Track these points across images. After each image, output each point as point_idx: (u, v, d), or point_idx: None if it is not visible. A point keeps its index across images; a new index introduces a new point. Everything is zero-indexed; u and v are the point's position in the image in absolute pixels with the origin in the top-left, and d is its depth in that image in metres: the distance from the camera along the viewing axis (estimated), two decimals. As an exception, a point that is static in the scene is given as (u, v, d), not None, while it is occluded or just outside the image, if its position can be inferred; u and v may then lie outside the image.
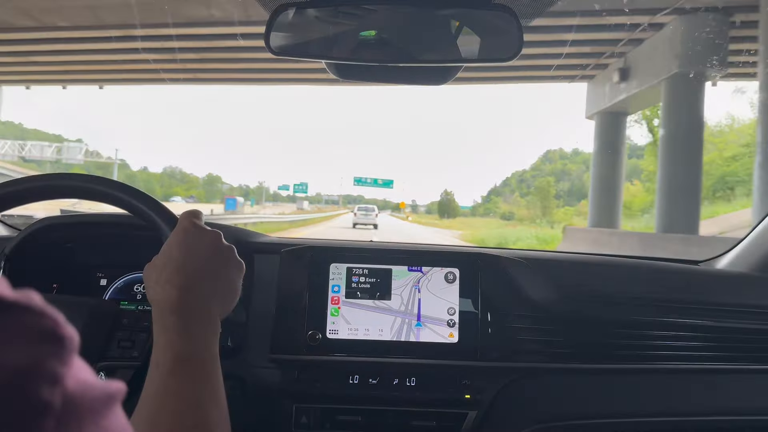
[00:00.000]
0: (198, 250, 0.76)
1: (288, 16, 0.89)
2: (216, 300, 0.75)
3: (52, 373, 0.27)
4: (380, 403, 1.12)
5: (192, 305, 0.71)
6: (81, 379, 0.29)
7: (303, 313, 1.14)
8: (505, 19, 0.88)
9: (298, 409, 1.11)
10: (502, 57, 0.92)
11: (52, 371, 0.27)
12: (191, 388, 0.63)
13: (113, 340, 0.86)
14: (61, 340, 0.28)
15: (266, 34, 0.90)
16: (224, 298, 0.77)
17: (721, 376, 1.25)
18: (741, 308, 1.34)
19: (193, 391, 0.63)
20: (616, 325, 1.22)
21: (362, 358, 1.13)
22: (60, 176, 0.89)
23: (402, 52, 0.96)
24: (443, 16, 0.93)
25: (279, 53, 0.92)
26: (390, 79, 1.11)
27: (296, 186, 78.30)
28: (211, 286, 0.75)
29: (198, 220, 0.81)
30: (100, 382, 0.30)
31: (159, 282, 0.73)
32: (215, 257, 0.77)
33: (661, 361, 1.22)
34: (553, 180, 47.47)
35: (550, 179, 46.57)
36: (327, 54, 0.97)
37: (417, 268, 1.17)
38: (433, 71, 1.06)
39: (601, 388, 1.20)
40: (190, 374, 0.64)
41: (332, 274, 1.16)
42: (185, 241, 0.77)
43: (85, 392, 0.29)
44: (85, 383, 0.29)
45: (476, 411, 1.12)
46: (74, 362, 0.29)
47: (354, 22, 0.93)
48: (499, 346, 1.15)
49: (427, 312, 1.15)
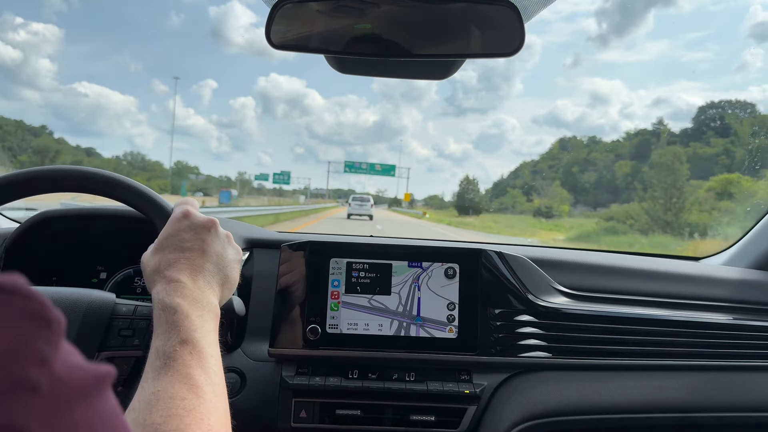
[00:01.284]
0: (194, 237, 0.77)
1: (289, 10, 0.88)
2: (214, 286, 0.76)
3: (40, 354, 0.27)
4: (379, 397, 1.12)
5: (191, 292, 0.71)
6: (69, 362, 0.29)
7: (303, 308, 1.14)
8: (507, 14, 0.87)
9: (297, 403, 1.11)
10: (505, 51, 0.92)
11: (40, 352, 0.27)
12: (191, 374, 0.63)
13: (113, 329, 0.86)
14: (48, 322, 0.28)
15: (267, 28, 0.89)
16: (223, 284, 0.78)
17: (719, 372, 1.26)
18: (740, 304, 1.34)
19: (193, 376, 0.63)
20: (616, 320, 1.22)
21: (362, 352, 1.13)
22: (50, 169, 0.88)
23: (404, 46, 0.96)
24: (445, 10, 0.92)
25: (280, 47, 0.91)
26: (391, 72, 1.11)
27: (276, 176, 67.71)
28: (210, 272, 0.75)
29: (193, 208, 0.82)
30: (89, 365, 0.30)
31: (157, 270, 0.73)
32: (212, 244, 0.78)
33: (661, 356, 1.23)
34: (683, 153, 29.66)
35: (679, 151, 29.63)
36: (328, 48, 0.97)
37: (417, 264, 1.17)
38: (435, 65, 1.05)
39: (601, 384, 1.20)
40: (190, 359, 0.64)
41: (332, 268, 1.16)
42: (181, 228, 0.77)
43: (73, 374, 0.29)
44: (73, 365, 0.29)
45: (475, 405, 1.13)
46: (62, 345, 0.29)
47: (355, 16, 0.92)
48: (499, 341, 1.15)
49: (427, 307, 1.15)
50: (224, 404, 0.66)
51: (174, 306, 0.68)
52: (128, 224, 1.22)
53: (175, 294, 0.70)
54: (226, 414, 0.65)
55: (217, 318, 0.74)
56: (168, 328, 0.67)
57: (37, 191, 0.88)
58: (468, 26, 0.95)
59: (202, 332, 0.68)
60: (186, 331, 0.66)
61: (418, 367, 1.15)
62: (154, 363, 0.64)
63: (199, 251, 0.76)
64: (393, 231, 20.26)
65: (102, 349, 0.85)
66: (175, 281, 0.71)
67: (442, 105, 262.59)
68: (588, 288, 1.29)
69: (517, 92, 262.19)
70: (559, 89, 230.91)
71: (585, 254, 1.45)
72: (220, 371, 0.68)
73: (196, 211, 0.81)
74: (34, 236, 1.19)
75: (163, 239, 0.77)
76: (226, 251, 0.80)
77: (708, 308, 1.32)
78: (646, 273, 1.35)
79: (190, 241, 0.76)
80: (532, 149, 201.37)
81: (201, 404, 0.61)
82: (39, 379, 0.26)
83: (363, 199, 34.21)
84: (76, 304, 0.85)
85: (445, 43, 0.97)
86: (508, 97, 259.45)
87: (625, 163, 45.62)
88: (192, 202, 0.85)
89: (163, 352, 0.64)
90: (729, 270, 1.46)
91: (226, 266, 0.79)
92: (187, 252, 0.75)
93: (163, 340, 0.66)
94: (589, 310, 1.22)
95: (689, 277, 1.36)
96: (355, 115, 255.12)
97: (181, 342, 0.65)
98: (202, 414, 0.60)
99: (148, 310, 0.89)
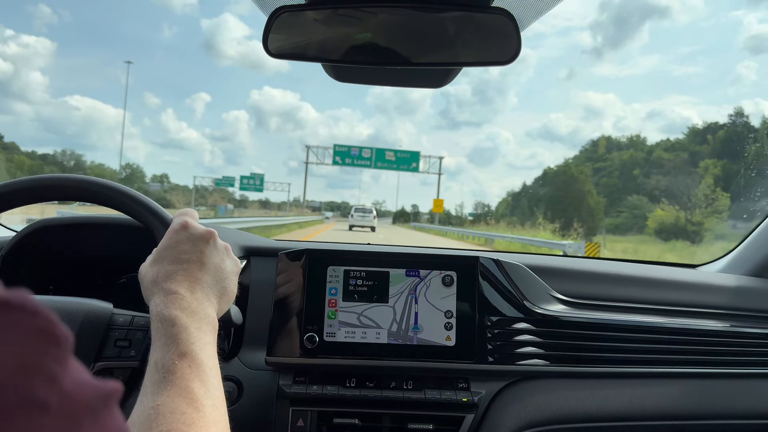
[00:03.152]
0: (192, 249, 0.76)
1: (286, 19, 0.88)
2: (213, 298, 0.75)
3: (49, 371, 0.27)
4: (377, 406, 1.12)
5: (189, 304, 0.71)
6: (77, 379, 0.29)
7: (300, 316, 1.14)
8: (504, 23, 0.88)
9: (294, 412, 1.11)
10: (501, 60, 0.92)
11: (49, 370, 0.27)
12: (190, 387, 0.62)
13: (110, 339, 0.86)
14: (56, 339, 0.28)
15: (264, 37, 0.89)
16: (221, 296, 0.77)
17: (716, 380, 1.26)
18: (738, 312, 1.34)
19: (193, 389, 0.62)
20: (614, 328, 1.22)
21: (359, 361, 1.13)
22: (50, 178, 0.88)
23: (400, 54, 0.96)
24: (442, 19, 0.93)
25: (277, 56, 0.92)
26: (388, 81, 1.11)
27: (246, 180, 51.59)
28: (208, 284, 0.75)
29: (192, 219, 0.81)
30: (97, 382, 0.30)
31: (155, 282, 0.73)
32: (211, 256, 0.77)
33: (658, 364, 1.23)
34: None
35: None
36: (325, 56, 0.97)
37: (414, 272, 1.17)
38: (432, 73, 1.06)
39: (598, 392, 1.20)
40: (189, 372, 0.64)
41: (329, 276, 1.16)
42: (180, 240, 0.77)
43: (82, 391, 0.28)
44: (81, 382, 0.29)
45: (473, 414, 1.12)
46: (70, 361, 0.28)
47: (352, 25, 0.93)
48: (496, 349, 1.15)
49: (425, 315, 1.15)
50: (224, 417, 0.65)
51: (172, 318, 0.68)
52: (125, 233, 1.21)
53: (173, 306, 0.69)
54: (225, 427, 0.65)
55: (215, 330, 0.73)
56: (166, 341, 0.66)
57: (35, 200, 0.88)
58: (464, 35, 0.95)
59: (201, 344, 0.68)
60: (184, 343, 0.66)
61: (416, 376, 1.15)
62: (153, 376, 0.64)
63: (197, 263, 0.75)
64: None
65: (98, 360, 0.85)
66: (173, 293, 0.70)
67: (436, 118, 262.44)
68: (585, 296, 1.29)
69: (512, 105, 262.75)
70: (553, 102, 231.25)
71: (582, 262, 1.45)
72: (219, 384, 0.68)
73: (196, 223, 0.81)
74: (31, 245, 1.19)
75: (161, 250, 0.76)
76: (225, 263, 0.79)
77: (705, 316, 1.32)
78: (643, 280, 1.35)
79: (188, 252, 0.75)
80: (526, 162, 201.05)
81: (201, 418, 0.60)
82: (48, 397, 0.26)
83: (365, 211, 35.45)
84: (72, 314, 0.84)
85: (441, 51, 0.98)
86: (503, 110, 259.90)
87: (711, 163, 32.25)
88: (191, 213, 0.84)
89: (162, 366, 0.64)
90: (726, 277, 1.46)
91: (225, 278, 0.78)
92: (186, 264, 0.74)
93: (161, 353, 0.65)
94: (586, 317, 1.22)
95: (686, 285, 1.36)
96: (349, 129, 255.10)
97: (180, 355, 0.65)
98: (203, 428, 0.59)
99: (145, 321, 0.89)
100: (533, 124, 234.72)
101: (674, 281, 1.37)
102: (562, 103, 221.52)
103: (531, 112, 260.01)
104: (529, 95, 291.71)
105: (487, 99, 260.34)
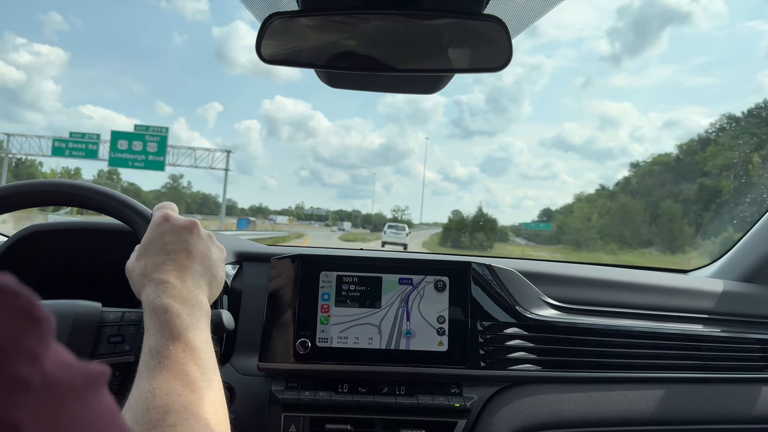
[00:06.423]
0: (177, 239, 0.77)
1: (279, 25, 0.89)
2: (203, 285, 0.76)
3: (30, 350, 0.27)
4: (370, 411, 1.12)
5: (180, 292, 0.71)
6: (60, 359, 0.29)
7: (292, 321, 1.14)
8: (495, 29, 0.88)
9: (287, 417, 1.10)
10: (493, 66, 0.93)
11: (30, 349, 0.27)
12: (186, 370, 0.63)
13: (102, 337, 0.86)
14: (38, 320, 0.28)
15: (257, 43, 0.90)
16: (211, 282, 0.78)
17: (707, 384, 1.26)
18: (728, 317, 1.35)
19: (188, 372, 0.63)
20: (605, 333, 1.22)
21: (352, 366, 1.13)
22: (24, 185, 0.89)
23: (392, 61, 0.97)
24: (433, 26, 0.93)
25: (270, 61, 0.92)
26: (380, 87, 1.12)
27: (58, 142, 31.43)
28: (197, 271, 0.76)
29: (172, 211, 0.82)
30: (82, 363, 0.30)
31: (144, 274, 0.74)
32: (196, 244, 0.78)
33: (650, 369, 1.23)
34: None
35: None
36: (318, 62, 0.98)
37: (407, 278, 1.17)
38: (424, 79, 1.06)
39: (590, 396, 1.20)
40: (183, 356, 0.64)
41: (322, 282, 1.16)
42: (164, 231, 0.78)
43: (65, 371, 0.28)
44: (64, 363, 0.29)
45: (465, 419, 1.12)
46: (52, 343, 0.28)
47: (345, 32, 0.93)
48: (489, 354, 1.15)
49: (417, 320, 1.15)
50: (221, 399, 0.66)
51: (164, 306, 0.68)
52: (114, 236, 1.21)
53: (165, 295, 0.70)
54: (223, 408, 0.65)
55: (208, 316, 0.74)
56: (160, 328, 0.67)
57: (15, 207, 0.88)
58: (456, 42, 0.96)
59: (195, 330, 0.68)
60: (178, 329, 0.66)
61: (409, 381, 1.15)
62: (147, 362, 0.64)
63: (184, 252, 0.76)
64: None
65: (93, 357, 0.84)
66: (163, 282, 0.71)
67: (448, 127, 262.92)
68: (577, 300, 1.29)
69: (526, 115, 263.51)
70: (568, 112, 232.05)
71: (574, 267, 1.45)
72: (215, 367, 0.68)
73: (176, 214, 0.82)
74: (22, 250, 1.19)
75: (146, 244, 0.77)
76: (210, 251, 0.81)
77: (696, 321, 1.33)
78: (634, 286, 1.35)
79: (173, 243, 0.76)
80: (539, 173, 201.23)
81: (197, 399, 0.60)
82: (30, 376, 0.26)
83: (398, 227, 35.47)
84: (63, 315, 0.84)
85: (433, 58, 0.99)
86: (517, 119, 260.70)
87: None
88: (171, 205, 0.85)
89: (157, 351, 0.64)
90: (717, 282, 1.47)
91: (212, 265, 0.80)
92: (172, 254, 0.75)
93: (155, 340, 0.66)
94: (578, 322, 1.22)
95: (677, 290, 1.37)
96: (361, 138, 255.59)
97: (174, 340, 0.65)
98: (199, 409, 0.59)
99: (136, 316, 0.89)
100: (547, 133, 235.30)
101: (665, 286, 1.37)
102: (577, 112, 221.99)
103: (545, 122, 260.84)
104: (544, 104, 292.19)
105: (500, 107, 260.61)
